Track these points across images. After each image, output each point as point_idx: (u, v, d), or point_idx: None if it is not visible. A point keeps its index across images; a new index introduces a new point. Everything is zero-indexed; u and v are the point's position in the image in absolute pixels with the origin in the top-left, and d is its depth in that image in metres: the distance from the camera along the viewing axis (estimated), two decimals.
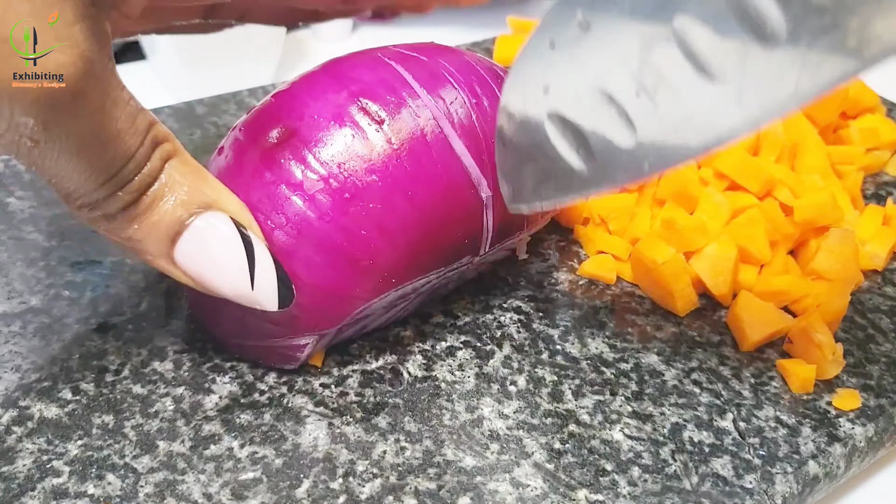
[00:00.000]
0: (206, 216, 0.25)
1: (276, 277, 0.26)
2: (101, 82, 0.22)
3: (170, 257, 0.25)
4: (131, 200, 0.24)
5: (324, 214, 0.26)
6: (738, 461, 0.28)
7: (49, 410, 0.27)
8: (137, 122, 0.24)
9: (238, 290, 0.25)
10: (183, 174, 0.25)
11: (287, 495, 0.25)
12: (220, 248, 0.25)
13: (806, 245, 0.36)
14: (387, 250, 0.27)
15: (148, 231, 0.25)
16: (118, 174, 0.24)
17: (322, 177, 0.26)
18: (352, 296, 0.27)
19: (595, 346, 0.32)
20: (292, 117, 0.27)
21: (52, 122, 0.21)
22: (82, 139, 0.22)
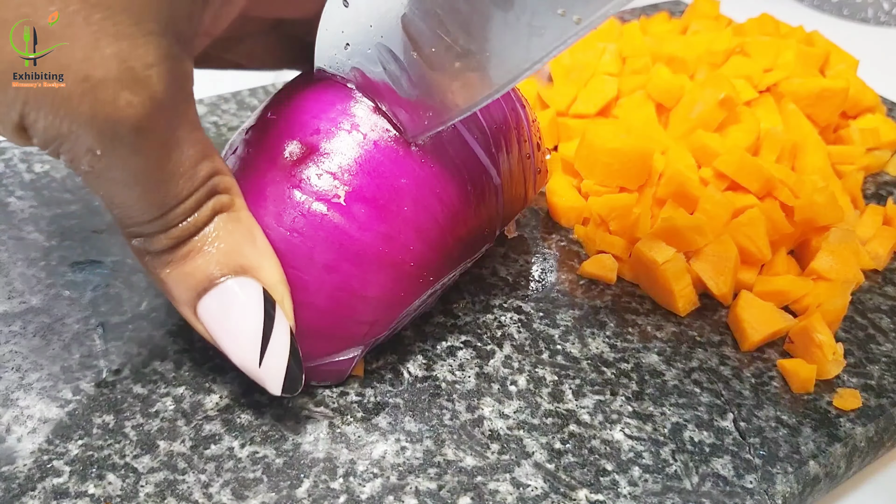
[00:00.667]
0: (237, 280, 0.25)
1: (286, 363, 0.25)
2: (168, 124, 0.23)
3: (192, 308, 0.25)
4: (172, 245, 0.24)
5: (363, 226, 0.26)
6: (739, 461, 0.28)
7: (49, 410, 0.27)
8: (198, 169, 0.24)
9: (245, 364, 0.25)
10: (230, 231, 0.25)
11: (287, 495, 0.25)
12: (239, 317, 0.25)
13: (806, 245, 0.36)
14: (424, 250, 0.27)
15: (179, 279, 0.25)
16: (166, 215, 0.24)
17: (355, 188, 0.26)
18: (398, 300, 0.28)
19: (595, 345, 0.32)
20: (306, 131, 0.27)
21: (110, 153, 0.22)
22: (137, 174, 0.23)
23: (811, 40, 0.47)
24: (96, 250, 0.34)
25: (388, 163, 0.26)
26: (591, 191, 0.38)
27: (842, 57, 0.45)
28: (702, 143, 0.37)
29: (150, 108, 0.22)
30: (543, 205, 0.39)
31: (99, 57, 0.21)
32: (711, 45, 0.44)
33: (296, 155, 0.26)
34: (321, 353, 0.28)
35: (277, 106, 0.28)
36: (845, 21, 0.69)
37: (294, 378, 0.25)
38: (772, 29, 0.48)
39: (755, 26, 0.48)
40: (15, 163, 0.39)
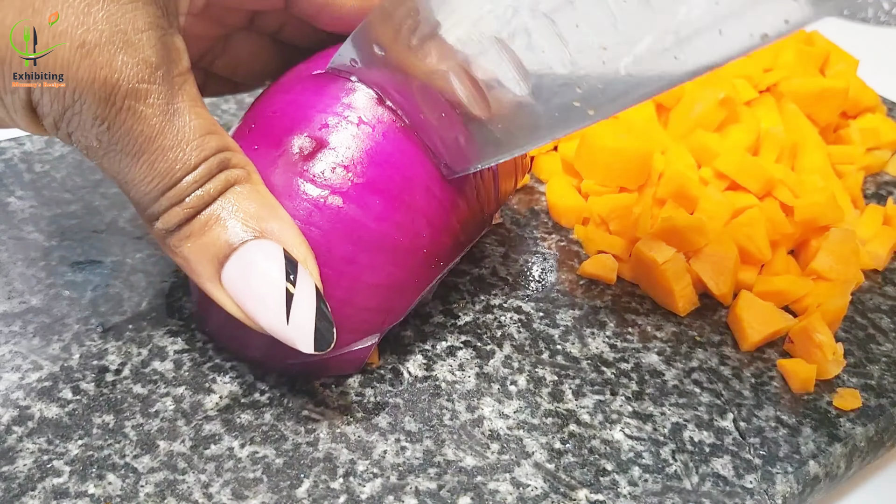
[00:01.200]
0: (255, 243, 0.25)
1: (314, 318, 0.25)
2: (166, 92, 0.24)
3: (218, 280, 0.25)
4: (188, 216, 0.25)
5: (378, 217, 0.27)
6: (739, 461, 0.28)
7: (49, 410, 0.27)
8: (205, 139, 0.25)
9: (273, 325, 0.25)
10: (247, 200, 0.25)
11: (287, 495, 0.25)
12: (261, 277, 0.25)
13: (806, 245, 0.36)
14: (435, 236, 0.28)
15: (199, 251, 0.25)
16: (177, 185, 0.24)
17: (368, 180, 0.26)
18: (414, 287, 0.28)
19: (595, 345, 0.32)
20: (313, 126, 0.27)
21: (114, 122, 0.23)
22: (142, 142, 0.24)
23: (811, 40, 0.47)
24: (96, 250, 0.34)
25: (397, 153, 0.27)
26: (591, 191, 0.38)
27: (842, 57, 0.45)
28: (702, 143, 0.37)
29: (144, 72, 0.23)
30: (543, 205, 0.39)
31: (91, 21, 0.22)
32: None
33: (306, 150, 0.27)
34: (341, 344, 0.28)
35: (276, 103, 0.28)
36: (845, 21, 0.69)
37: (324, 334, 0.25)
38: None
39: None
40: (15, 163, 0.39)
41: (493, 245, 0.37)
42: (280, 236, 0.25)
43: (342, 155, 0.26)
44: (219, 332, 0.30)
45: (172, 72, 0.24)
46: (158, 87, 0.24)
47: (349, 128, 0.27)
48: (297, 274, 0.25)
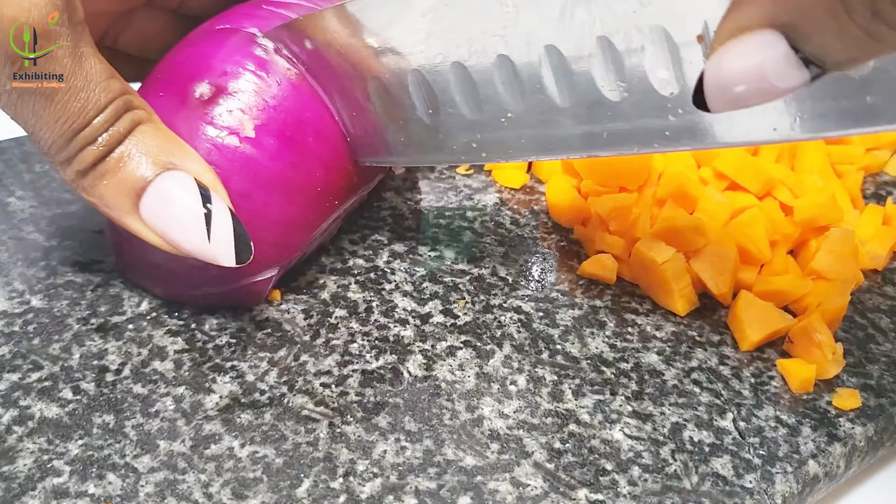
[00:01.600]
0: (168, 175, 0.27)
1: (233, 233, 0.28)
2: (72, 33, 0.25)
3: (136, 214, 0.27)
4: (101, 155, 0.26)
5: (273, 155, 0.29)
6: (738, 461, 0.28)
7: (50, 410, 0.27)
8: (110, 82, 0.26)
9: (196, 246, 0.27)
10: (153, 137, 0.27)
11: (287, 495, 0.25)
12: (179, 205, 0.27)
13: (806, 245, 0.36)
14: (329, 175, 0.31)
15: (115, 187, 0.27)
16: (89, 125, 0.26)
17: (263, 121, 0.29)
18: (309, 223, 0.31)
19: (595, 345, 0.32)
20: (213, 73, 0.29)
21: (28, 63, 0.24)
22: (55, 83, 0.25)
23: None
24: (96, 250, 0.34)
25: (292, 98, 0.30)
26: (590, 191, 0.38)
27: None
28: None
29: (51, 10, 0.24)
30: (543, 205, 0.39)
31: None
32: None
33: (206, 95, 0.29)
34: (242, 276, 0.30)
35: (181, 54, 0.30)
36: None
37: (243, 247, 0.28)
38: None
39: None
40: (15, 163, 0.39)
41: (492, 245, 0.37)
42: (188, 167, 0.27)
43: (239, 100, 0.29)
44: (130, 270, 0.32)
45: (73, 18, 0.25)
46: (66, 29, 0.25)
47: (246, 75, 0.29)
48: (211, 197, 0.27)
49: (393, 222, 0.38)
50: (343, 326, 0.32)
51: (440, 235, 0.37)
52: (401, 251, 0.36)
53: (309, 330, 0.31)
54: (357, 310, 0.32)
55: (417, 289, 0.34)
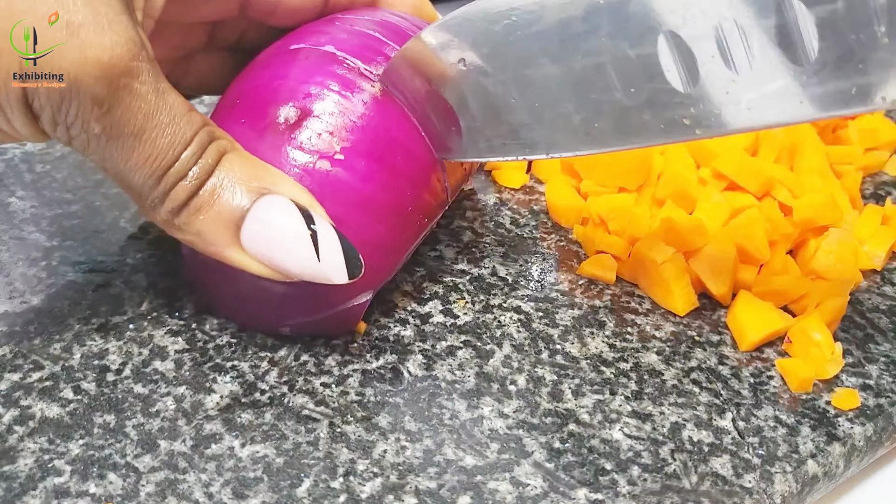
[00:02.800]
0: (265, 200, 0.26)
1: (341, 250, 0.27)
2: (153, 70, 0.25)
3: (237, 245, 0.26)
4: (193, 189, 0.26)
5: (365, 177, 0.28)
6: (738, 460, 0.28)
7: (50, 410, 0.28)
8: (191, 116, 0.26)
9: (305, 267, 0.26)
10: (241, 165, 0.26)
11: (288, 494, 0.25)
12: (283, 228, 0.26)
13: (805, 245, 0.36)
14: (418, 194, 0.30)
15: (213, 220, 0.26)
16: (178, 160, 0.25)
17: (352, 143, 0.28)
18: (402, 243, 0.30)
19: (595, 345, 0.32)
20: (296, 95, 0.28)
21: (113, 101, 0.24)
22: (143, 119, 0.24)
23: None
24: (97, 250, 0.34)
25: (379, 117, 0.29)
26: (590, 191, 0.38)
27: None
28: (700, 144, 0.37)
29: (133, 49, 0.24)
30: (543, 205, 0.39)
31: (71, 4, 0.23)
32: None
33: (292, 119, 0.28)
34: (338, 302, 0.29)
35: (258, 77, 0.30)
36: None
37: (353, 261, 0.27)
38: None
39: None
40: (16, 163, 0.39)
41: (492, 245, 0.37)
42: (283, 189, 0.27)
43: (326, 122, 0.28)
44: (216, 301, 0.31)
45: (151, 54, 0.25)
46: (147, 65, 0.24)
47: (330, 95, 0.28)
48: (313, 216, 0.26)
49: None
50: None
51: (440, 235, 0.37)
52: None
53: None
54: None
55: (417, 289, 0.34)
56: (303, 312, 0.30)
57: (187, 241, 0.27)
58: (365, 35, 0.30)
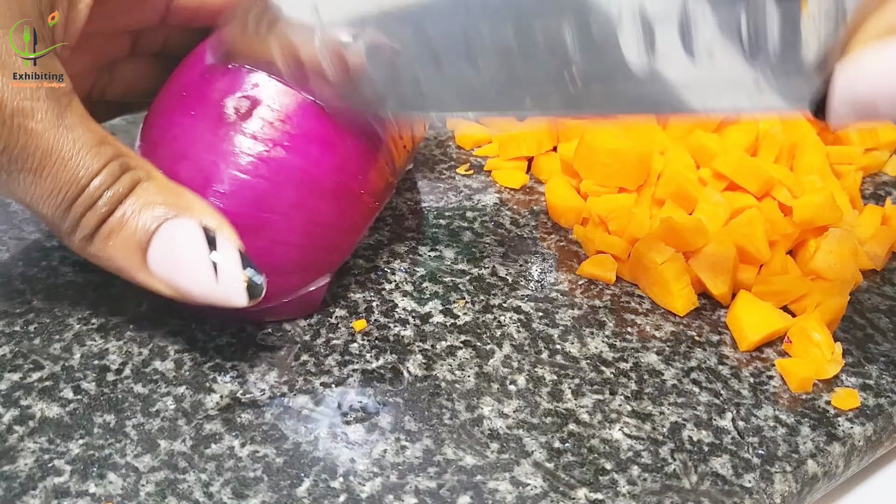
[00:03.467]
0: (171, 222, 0.27)
1: (241, 272, 0.27)
2: (52, 106, 0.25)
3: (145, 267, 0.27)
4: (102, 217, 0.26)
5: (318, 162, 0.29)
6: (738, 460, 0.28)
7: (50, 410, 0.28)
8: (101, 148, 0.26)
9: (204, 289, 0.27)
10: (154, 192, 0.27)
11: (288, 494, 0.25)
12: (183, 250, 0.26)
13: (805, 245, 0.36)
14: (370, 177, 0.31)
15: (122, 245, 0.27)
16: (84, 192, 0.26)
17: (303, 129, 0.29)
18: (356, 226, 0.31)
19: (595, 345, 0.32)
20: (244, 86, 0.29)
21: (7, 141, 0.25)
22: (41, 156, 0.25)
23: None
24: None
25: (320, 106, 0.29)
26: (590, 191, 0.38)
27: None
28: (700, 144, 0.37)
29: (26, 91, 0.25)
30: (543, 205, 0.39)
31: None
32: None
33: (243, 109, 0.29)
34: (298, 285, 0.31)
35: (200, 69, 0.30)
36: None
37: (254, 285, 0.27)
38: None
39: None
40: None
41: (492, 245, 0.37)
42: (191, 212, 0.27)
43: (277, 110, 0.29)
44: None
45: (57, 92, 0.26)
46: (43, 103, 0.25)
47: (276, 84, 0.29)
48: (217, 238, 0.27)
49: (393, 222, 0.38)
50: (343, 326, 0.32)
51: (440, 235, 0.37)
52: (401, 251, 0.36)
53: (309, 330, 0.31)
54: (357, 309, 0.33)
55: (417, 289, 0.34)
56: (265, 299, 0.30)
57: (103, 266, 0.28)
58: None
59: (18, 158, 0.25)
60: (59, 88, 0.26)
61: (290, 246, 0.29)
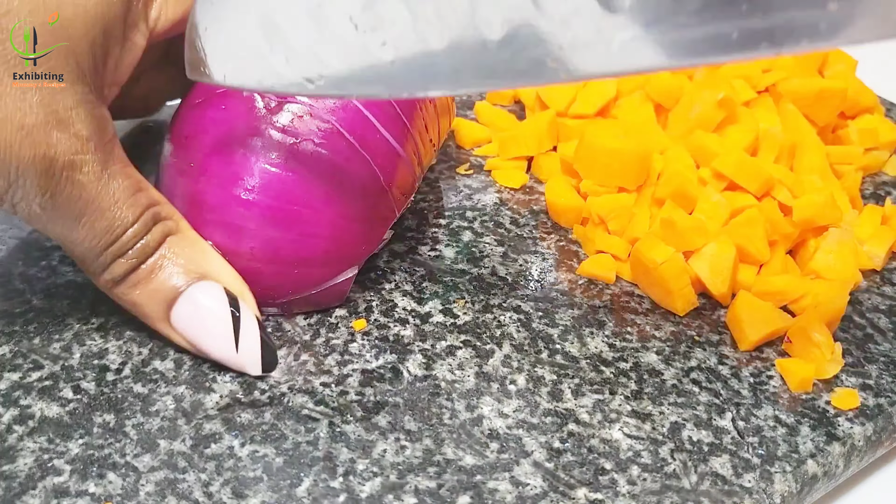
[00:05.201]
0: (199, 285, 0.28)
1: (259, 345, 0.29)
2: (98, 159, 0.27)
3: (167, 321, 0.28)
4: (132, 267, 0.28)
5: (348, 156, 0.30)
6: (737, 460, 0.28)
7: (50, 409, 0.28)
8: (137, 197, 0.28)
9: (224, 354, 0.28)
10: (183, 247, 0.28)
11: (288, 494, 0.25)
12: (209, 316, 0.28)
13: (805, 245, 0.36)
14: (396, 169, 0.31)
15: (149, 296, 0.28)
16: (118, 241, 0.27)
17: (333, 123, 0.29)
18: (385, 218, 0.32)
19: (594, 345, 0.32)
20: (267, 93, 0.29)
21: (55, 190, 0.26)
22: (82, 205, 0.26)
23: None
24: None
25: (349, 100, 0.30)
26: (590, 191, 0.38)
27: (840, 57, 0.46)
28: (700, 144, 0.37)
29: (77, 144, 0.26)
30: (542, 205, 0.39)
31: (27, 105, 0.25)
32: None
33: (272, 103, 0.29)
34: (327, 278, 0.31)
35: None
36: None
37: (269, 356, 0.29)
38: None
39: None
40: None
41: (492, 245, 0.37)
42: (218, 277, 0.29)
43: (306, 105, 0.29)
44: None
45: (103, 140, 0.27)
46: (91, 156, 0.26)
47: None
48: (240, 307, 0.28)
49: None
50: (343, 326, 0.32)
51: (440, 235, 0.37)
52: (401, 251, 0.36)
53: (309, 329, 0.31)
54: (357, 309, 0.33)
55: (417, 288, 0.34)
56: (290, 291, 0.31)
57: (124, 306, 0.29)
58: None
59: (62, 206, 0.26)
60: (104, 136, 0.27)
61: (319, 238, 0.30)
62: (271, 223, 0.29)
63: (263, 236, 0.29)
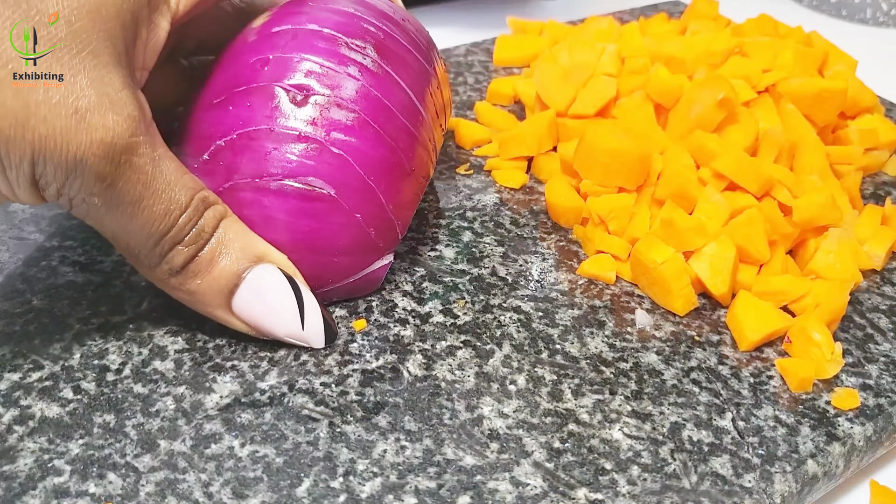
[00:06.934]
0: (258, 269, 0.28)
1: (321, 318, 0.29)
2: (149, 140, 0.26)
3: (228, 308, 0.28)
4: (191, 254, 0.27)
5: (376, 143, 0.30)
6: (738, 460, 0.28)
7: (50, 410, 0.28)
8: (186, 180, 0.27)
9: (291, 332, 0.29)
10: (236, 232, 0.28)
11: (288, 494, 0.25)
12: (274, 297, 0.28)
13: (805, 245, 0.36)
14: (419, 153, 0.32)
15: (209, 285, 0.28)
16: (174, 226, 0.27)
17: (358, 112, 0.30)
18: (412, 201, 0.32)
19: (594, 345, 0.32)
20: (299, 74, 0.29)
21: (115, 175, 0.25)
22: (141, 189, 0.26)
23: (810, 41, 0.47)
24: (97, 250, 0.34)
25: (376, 87, 0.30)
26: (589, 191, 0.38)
27: (840, 57, 0.46)
28: (700, 144, 0.37)
29: (132, 125, 0.25)
30: (542, 205, 0.39)
31: (79, 88, 0.24)
32: (710, 45, 0.44)
33: (299, 97, 0.29)
34: (365, 265, 0.32)
35: (251, 62, 0.30)
36: (844, 21, 0.69)
37: (330, 328, 0.30)
38: (770, 29, 0.48)
39: (754, 27, 0.48)
40: None
41: (492, 245, 0.37)
42: (272, 258, 0.29)
43: (331, 96, 0.29)
44: None
45: (147, 121, 0.26)
46: (144, 137, 0.26)
47: (327, 70, 0.30)
48: (299, 285, 0.29)
49: None
50: (343, 326, 0.32)
51: (440, 235, 0.37)
52: (401, 251, 0.36)
53: None
54: (357, 309, 0.33)
55: (417, 288, 0.34)
56: (330, 280, 0.31)
57: (178, 297, 0.28)
58: (341, 12, 0.31)
59: (121, 193, 0.25)
60: (148, 117, 0.26)
61: (352, 227, 0.30)
62: (310, 214, 0.29)
63: (302, 228, 0.30)
